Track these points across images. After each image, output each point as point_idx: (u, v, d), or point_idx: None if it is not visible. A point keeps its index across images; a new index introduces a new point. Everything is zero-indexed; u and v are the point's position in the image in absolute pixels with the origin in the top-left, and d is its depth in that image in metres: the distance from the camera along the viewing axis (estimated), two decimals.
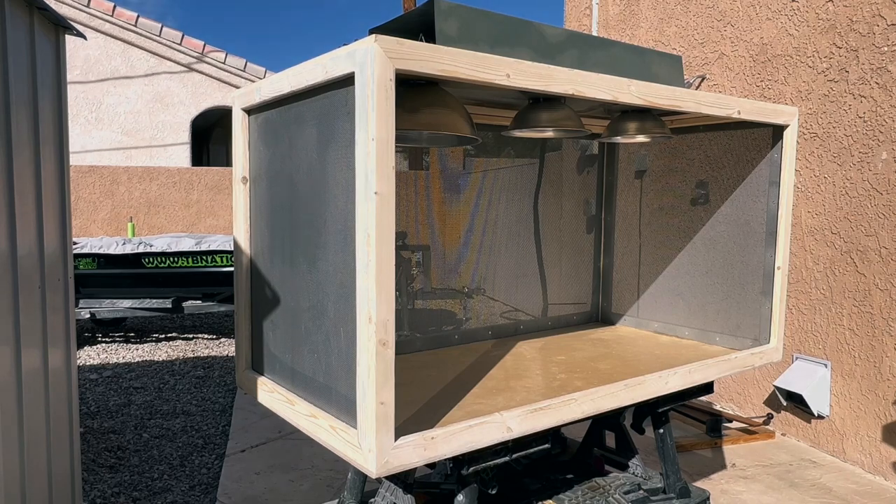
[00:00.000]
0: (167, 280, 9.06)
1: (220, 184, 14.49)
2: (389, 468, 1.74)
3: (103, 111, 15.77)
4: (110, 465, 5.20)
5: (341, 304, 1.86)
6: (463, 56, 1.80)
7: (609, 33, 7.24)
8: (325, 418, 1.94)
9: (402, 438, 1.75)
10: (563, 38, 2.31)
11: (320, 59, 1.85)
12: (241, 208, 2.42)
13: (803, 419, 5.49)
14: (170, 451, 5.50)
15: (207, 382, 7.51)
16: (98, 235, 11.91)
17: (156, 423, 6.20)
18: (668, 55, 2.67)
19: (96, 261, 8.87)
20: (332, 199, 1.89)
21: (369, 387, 1.68)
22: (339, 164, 1.83)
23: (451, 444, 1.85)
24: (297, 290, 2.13)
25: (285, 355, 2.23)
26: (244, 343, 2.48)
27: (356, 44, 1.68)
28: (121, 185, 13.94)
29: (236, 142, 2.41)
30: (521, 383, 2.40)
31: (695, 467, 4.89)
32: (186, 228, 14.08)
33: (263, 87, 2.22)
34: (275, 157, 2.25)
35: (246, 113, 2.39)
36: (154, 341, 9.62)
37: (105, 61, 15.76)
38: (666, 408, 2.82)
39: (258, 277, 2.40)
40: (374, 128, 1.61)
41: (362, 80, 1.64)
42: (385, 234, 1.65)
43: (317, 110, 1.96)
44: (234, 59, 16.75)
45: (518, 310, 3.24)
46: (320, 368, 2.00)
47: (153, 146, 16.18)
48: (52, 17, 3.31)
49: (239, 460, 5.22)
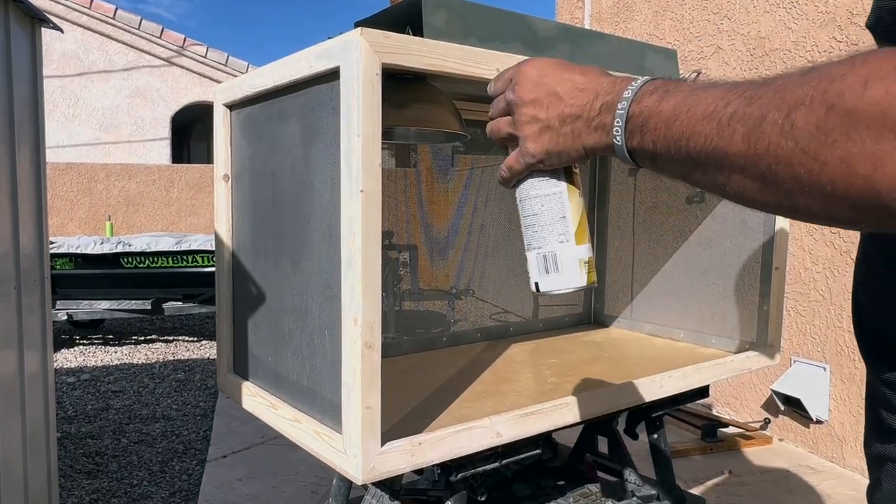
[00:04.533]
0: (147, 281, 9.04)
1: (202, 181, 14.49)
2: (375, 474, 1.73)
3: (81, 106, 15.75)
4: (88, 472, 5.19)
5: (326, 306, 1.85)
6: (451, 50, 1.80)
7: (602, 26, 7.24)
8: (309, 423, 1.94)
9: (389, 444, 1.75)
10: (555, 31, 2.31)
11: (304, 53, 1.85)
12: (222, 207, 2.42)
13: (801, 424, 5.51)
14: (149, 457, 5.50)
15: (188, 386, 7.50)
16: (75, 234, 11.87)
17: (135, 427, 6.20)
18: (664, 49, 2.67)
19: (73, 261, 8.84)
20: (316, 198, 1.88)
21: (355, 390, 1.68)
22: (324, 161, 1.83)
23: (439, 450, 1.85)
24: (281, 290, 2.13)
25: (268, 358, 2.22)
26: (226, 345, 2.47)
27: (341, 37, 1.67)
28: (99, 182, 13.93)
29: (218, 138, 2.41)
30: (511, 387, 2.40)
31: (690, 473, 4.90)
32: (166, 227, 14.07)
33: (246, 82, 2.22)
34: (257, 153, 2.24)
35: (228, 108, 2.38)
36: (133, 344, 9.60)
37: (83, 55, 15.74)
38: (660, 412, 2.82)
39: (240, 278, 2.39)
40: (360, 124, 1.61)
41: (347, 75, 1.64)
42: (371, 233, 1.65)
43: (301, 106, 1.95)
44: (215, 52, 16.75)
45: (508, 311, 3.24)
46: (304, 372, 2.00)
47: (132, 142, 16.16)
48: (28, 9, 3.30)
49: (220, 466, 5.21)
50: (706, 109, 0.86)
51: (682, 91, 0.93)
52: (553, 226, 1.23)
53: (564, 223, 1.22)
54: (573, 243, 1.23)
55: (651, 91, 0.98)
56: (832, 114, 0.72)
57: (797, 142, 0.75)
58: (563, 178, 1.22)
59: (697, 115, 0.88)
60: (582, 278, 1.24)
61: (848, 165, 0.71)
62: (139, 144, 16.17)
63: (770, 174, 0.79)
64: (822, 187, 0.74)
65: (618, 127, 1.00)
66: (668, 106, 0.93)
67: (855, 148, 0.70)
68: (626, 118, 0.99)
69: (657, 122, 0.94)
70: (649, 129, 0.96)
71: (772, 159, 0.78)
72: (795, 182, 0.77)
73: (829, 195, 0.74)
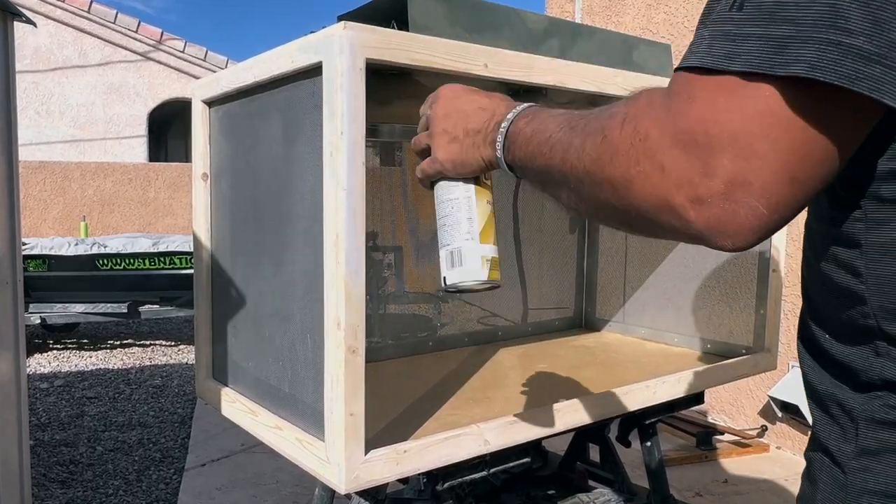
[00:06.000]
0: (122, 283, 9.00)
1: (179, 181, 14.45)
2: (359, 483, 1.73)
3: (54, 103, 15.71)
4: (62, 480, 5.17)
5: (308, 309, 1.85)
6: (438, 45, 1.80)
7: (593, 20, 7.25)
8: (291, 430, 1.93)
9: (373, 452, 1.75)
10: (545, 25, 2.31)
11: (286, 48, 1.85)
12: (201, 207, 2.42)
13: (800, 431, 5.52)
14: (125, 465, 5.48)
15: (165, 392, 7.48)
16: (49, 235, 11.84)
17: (110, 435, 6.17)
18: (657, 44, 2.68)
19: (47, 262, 8.80)
20: (298, 197, 1.88)
21: (337, 397, 1.68)
22: (306, 159, 1.82)
23: (425, 458, 1.85)
24: (261, 293, 2.13)
25: (248, 363, 2.22)
26: (204, 350, 2.47)
27: (324, 31, 1.68)
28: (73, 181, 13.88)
29: (196, 136, 2.41)
30: (499, 393, 2.40)
31: (684, 482, 4.90)
32: (143, 228, 14.02)
33: (225, 78, 2.21)
34: (237, 152, 2.24)
35: (206, 105, 2.38)
36: (109, 348, 9.57)
37: (56, 50, 15.70)
38: (653, 419, 2.82)
39: (219, 280, 2.39)
40: (344, 121, 1.61)
41: (330, 71, 1.64)
42: (355, 233, 1.65)
43: (282, 102, 1.95)
44: (193, 47, 16.71)
45: (496, 315, 3.24)
46: (285, 377, 2.00)
47: (108, 140, 16.11)
48: (0, 2, 3.29)
49: (199, 475, 5.20)
50: (546, 134, 1.10)
51: (542, 116, 1.17)
52: (460, 225, 1.40)
53: (471, 223, 1.40)
54: (477, 241, 1.40)
55: (526, 115, 1.22)
56: (604, 143, 0.94)
57: (585, 165, 0.98)
58: (471, 184, 1.40)
59: (542, 137, 1.11)
60: (483, 273, 1.41)
61: (612, 185, 0.93)
62: (115, 142, 16.12)
63: (577, 190, 1.03)
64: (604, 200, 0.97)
65: (499, 143, 1.24)
66: (530, 129, 1.17)
67: (616, 172, 0.92)
68: (506, 136, 1.23)
69: (521, 141, 1.18)
70: (517, 146, 1.20)
71: (574, 178, 1.01)
72: (591, 197, 1.00)
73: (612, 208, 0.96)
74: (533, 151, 1.14)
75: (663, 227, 0.91)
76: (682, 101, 0.87)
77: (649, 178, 0.88)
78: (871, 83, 0.78)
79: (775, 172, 0.82)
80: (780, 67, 0.80)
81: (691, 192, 0.85)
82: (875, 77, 0.78)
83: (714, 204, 0.84)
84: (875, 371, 0.99)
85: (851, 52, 0.78)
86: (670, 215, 0.88)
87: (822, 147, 0.83)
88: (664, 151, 0.86)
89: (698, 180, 0.84)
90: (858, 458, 1.03)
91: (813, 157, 0.83)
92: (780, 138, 0.82)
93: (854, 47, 0.78)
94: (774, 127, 0.82)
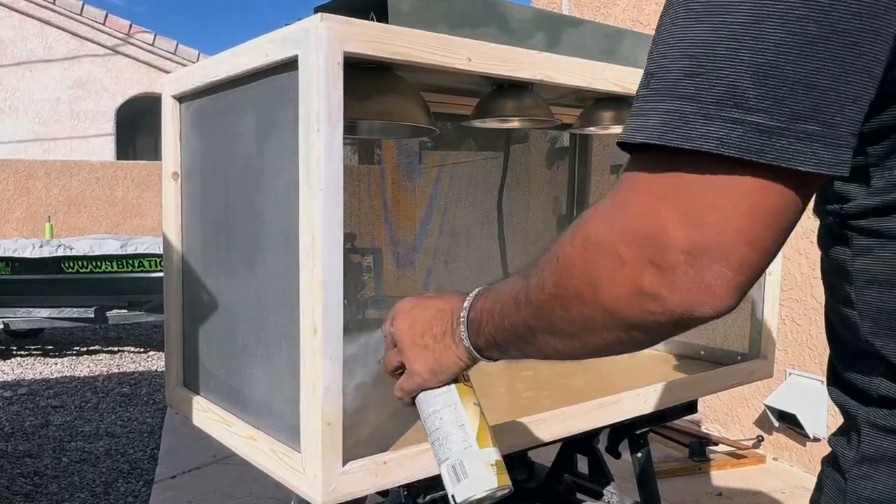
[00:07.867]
0: (89, 287, 8.97)
1: (149, 180, 14.42)
2: (337, 496, 1.73)
3: (18, 98, 15.66)
4: (26, 493, 5.16)
5: (283, 314, 1.85)
6: (419, 37, 1.80)
7: (582, 12, 7.26)
8: (265, 441, 1.93)
9: (352, 463, 1.74)
10: (531, 17, 2.31)
11: (260, 41, 1.84)
12: (171, 207, 2.41)
13: (797, 442, 5.53)
14: (92, 477, 5.47)
15: (134, 401, 7.46)
16: (12, 237, 11.78)
17: (77, 445, 6.16)
18: (648, 37, 2.67)
19: (10, 265, 8.78)
20: (272, 198, 1.88)
21: (314, 406, 1.68)
22: (281, 157, 1.82)
23: (406, 470, 1.85)
24: (234, 298, 2.12)
25: (221, 371, 2.21)
26: (175, 357, 2.46)
27: (300, 23, 1.67)
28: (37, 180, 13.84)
29: (166, 133, 2.40)
30: (483, 402, 2.39)
31: (676, 495, 4.91)
32: (111, 229, 13.98)
33: (196, 72, 2.21)
34: (209, 149, 2.23)
35: (177, 101, 2.37)
36: (75, 355, 9.54)
37: (20, 43, 15.65)
38: (644, 429, 2.82)
39: (191, 284, 2.38)
40: (320, 117, 1.60)
41: (307, 65, 1.63)
42: (332, 235, 1.64)
43: (256, 98, 1.95)
44: (163, 40, 16.70)
45: None
46: (260, 385, 1.99)
47: (74, 138, 16.08)
48: None
49: (169, 487, 5.19)
50: (506, 296, 1.15)
51: (497, 286, 1.22)
52: (454, 435, 1.38)
53: (464, 430, 1.39)
54: (476, 447, 1.38)
55: (481, 295, 1.26)
56: (560, 263, 0.99)
57: (550, 291, 1.01)
58: (453, 389, 1.41)
59: (504, 300, 1.16)
60: (493, 479, 1.37)
61: (580, 296, 0.96)
62: (81, 140, 16.08)
63: (552, 326, 1.05)
64: (582, 320, 0.99)
65: (463, 332, 1.27)
66: (489, 303, 1.21)
67: (581, 281, 0.95)
68: (468, 323, 1.26)
69: (486, 316, 1.21)
70: (483, 323, 1.22)
71: (547, 314, 1.04)
72: (569, 325, 1.02)
73: (590, 326, 0.99)
74: (499, 319, 1.17)
75: (647, 321, 0.91)
76: (625, 193, 0.92)
77: (614, 272, 0.90)
78: (778, 154, 0.82)
79: (730, 237, 0.85)
80: (687, 141, 0.84)
81: (655, 271, 0.87)
82: (781, 148, 0.82)
83: (681, 272, 0.86)
84: (873, 390, 1.06)
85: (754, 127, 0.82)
86: (645, 299, 0.89)
87: (770, 212, 0.86)
88: (618, 244, 0.89)
89: (659, 258, 0.86)
90: (859, 465, 1.07)
91: (762, 221, 0.86)
92: (726, 207, 0.84)
93: (754, 123, 0.82)
94: (719, 198, 0.85)
